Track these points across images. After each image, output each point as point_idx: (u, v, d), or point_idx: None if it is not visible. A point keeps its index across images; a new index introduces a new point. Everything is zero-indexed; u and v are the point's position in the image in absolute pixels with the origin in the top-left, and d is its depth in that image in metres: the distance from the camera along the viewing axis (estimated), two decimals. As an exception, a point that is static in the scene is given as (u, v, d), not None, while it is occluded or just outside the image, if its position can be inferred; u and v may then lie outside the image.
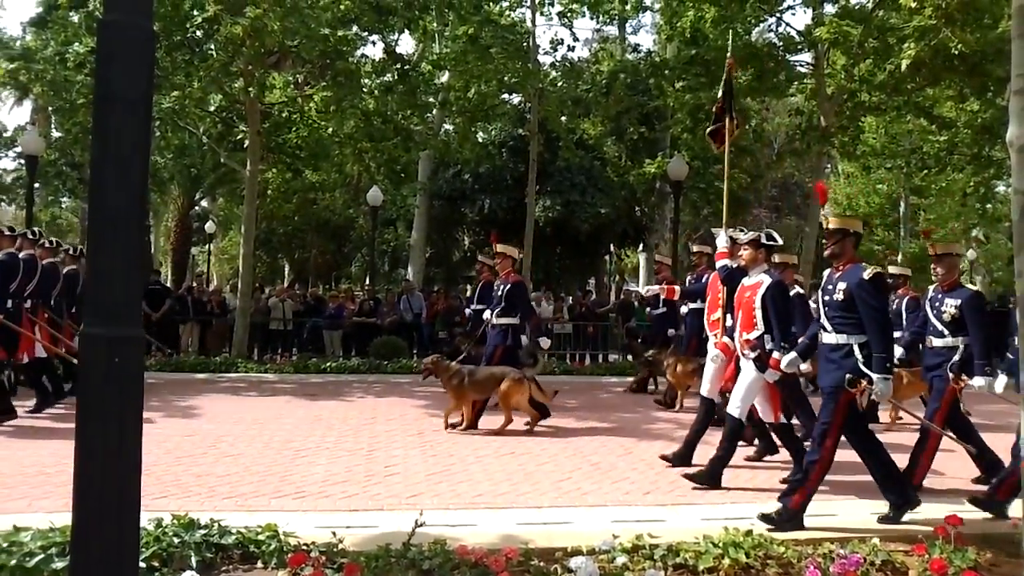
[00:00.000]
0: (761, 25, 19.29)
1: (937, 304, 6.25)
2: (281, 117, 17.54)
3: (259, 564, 4.11)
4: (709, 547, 4.28)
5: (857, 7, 16.91)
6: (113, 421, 2.56)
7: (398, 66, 16.80)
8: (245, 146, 16.68)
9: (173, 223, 28.72)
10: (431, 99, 18.54)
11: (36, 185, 18.69)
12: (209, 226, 30.30)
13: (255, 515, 4.91)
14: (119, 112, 2.61)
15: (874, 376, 4.92)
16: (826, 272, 5.44)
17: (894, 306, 9.00)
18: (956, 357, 6.05)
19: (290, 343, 17.16)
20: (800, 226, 27.67)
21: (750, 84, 17.73)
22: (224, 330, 16.51)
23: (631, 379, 13.03)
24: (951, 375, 6.05)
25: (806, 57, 18.74)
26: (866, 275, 5.05)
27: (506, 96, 20.06)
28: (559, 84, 18.85)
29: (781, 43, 17.93)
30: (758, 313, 6.04)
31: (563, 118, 19.28)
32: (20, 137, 21.05)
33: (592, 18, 19.34)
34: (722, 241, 6.82)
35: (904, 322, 8.78)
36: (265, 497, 5.62)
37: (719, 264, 6.80)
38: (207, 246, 33.28)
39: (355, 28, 16.07)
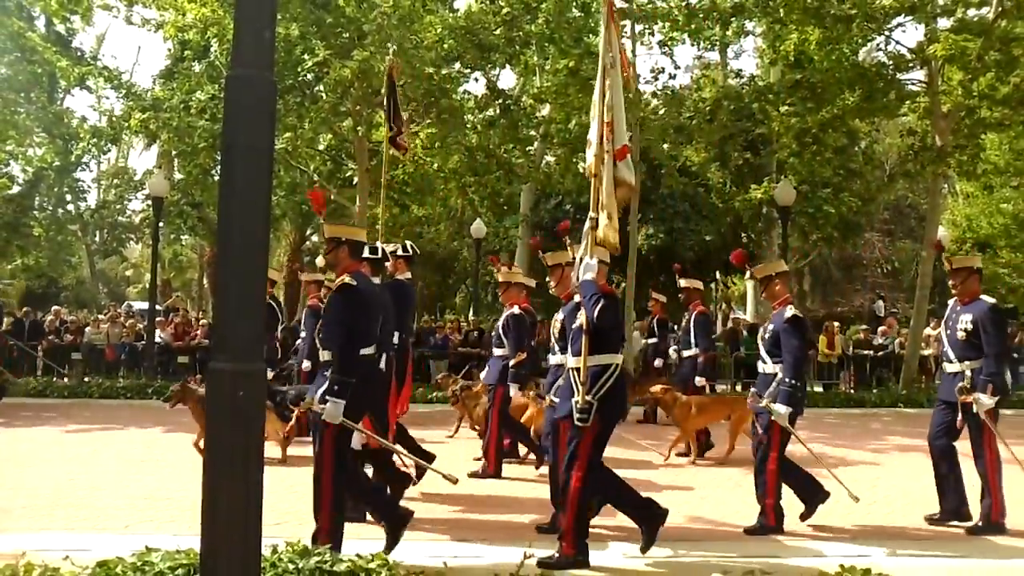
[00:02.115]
0: (869, 44, 18.74)
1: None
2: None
3: (370, 592, 4.20)
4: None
5: (975, 19, 16.23)
6: (239, 452, 2.71)
7: (500, 101, 17.15)
8: (354, 183, 17.28)
9: (285, 257, 29.91)
10: (532, 132, 18.79)
11: (160, 224, 19.82)
12: (319, 261, 31.38)
13: (364, 543, 5.03)
14: (244, 160, 2.80)
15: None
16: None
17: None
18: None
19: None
20: (916, 250, 26.54)
21: (858, 105, 17.23)
22: (334, 360, 17.01)
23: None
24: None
25: (918, 75, 18.10)
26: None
27: (607, 126, 20.10)
28: (661, 112, 18.79)
29: (891, 62, 17.38)
30: None
31: (665, 145, 19.18)
32: (148, 180, 22.45)
33: (693, 45, 19.25)
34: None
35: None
36: (373, 525, 5.75)
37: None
38: (319, 280, 34.44)
39: (458, 65, 16.53)
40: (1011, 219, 28.28)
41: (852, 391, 16.58)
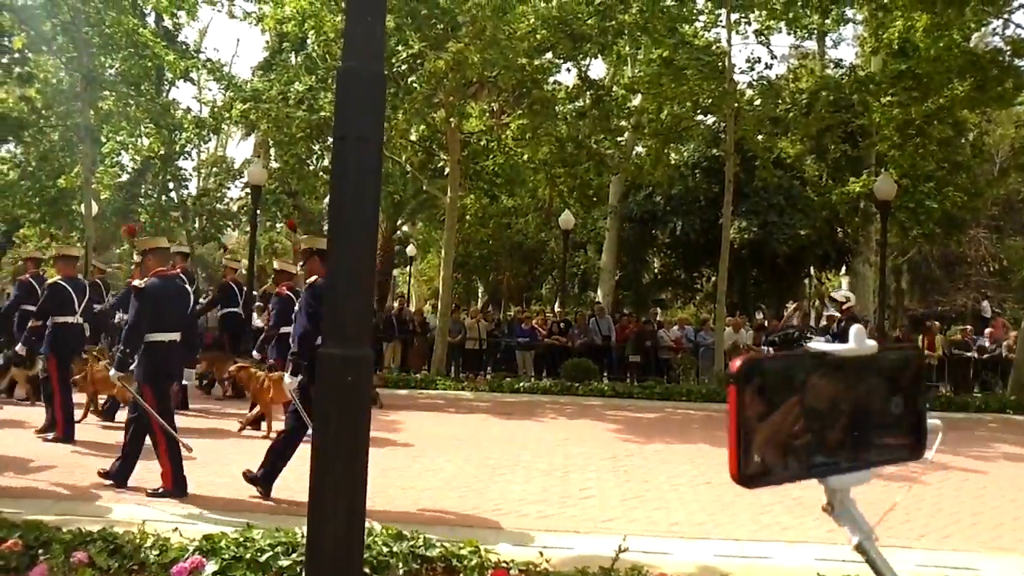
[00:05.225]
0: (983, 29, 17.83)
1: None
2: (479, 145, 18.24)
3: (461, 577, 4.27)
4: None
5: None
6: (345, 434, 2.78)
7: (591, 91, 17.03)
8: (445, 173, 17.46)
9: (378, 247, 30.46)
10: (624, 122, 18.60)
11: (257, 212, 20.38)
12: (410, 249, 31.88)
13: (456, 530, 5.11)
14: (354, 148, 2.86)
15: None
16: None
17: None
18: None
19: (484, 362, 17.68)
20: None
21: (968, 95, 16.43)
22: (424, 348, 17.27)
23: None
24: None
25: (1039, 60, 17.11)
26: None
27: (700, 117, 19.73)
28: (756, 103, 18.36)
29: (1008, 47, 16.48)
30: None
31: (760, 137, 18.75)
32: (246, 169, 23.18)
33: (790, 34, 18.71)
34: None
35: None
36: (464, 513, 5.83)
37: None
38: (408, 268, 34.97)
39: (549, 55, 16.49)
40: None
41: (953, 394, 15.83)
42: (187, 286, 6.63)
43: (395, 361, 17.06)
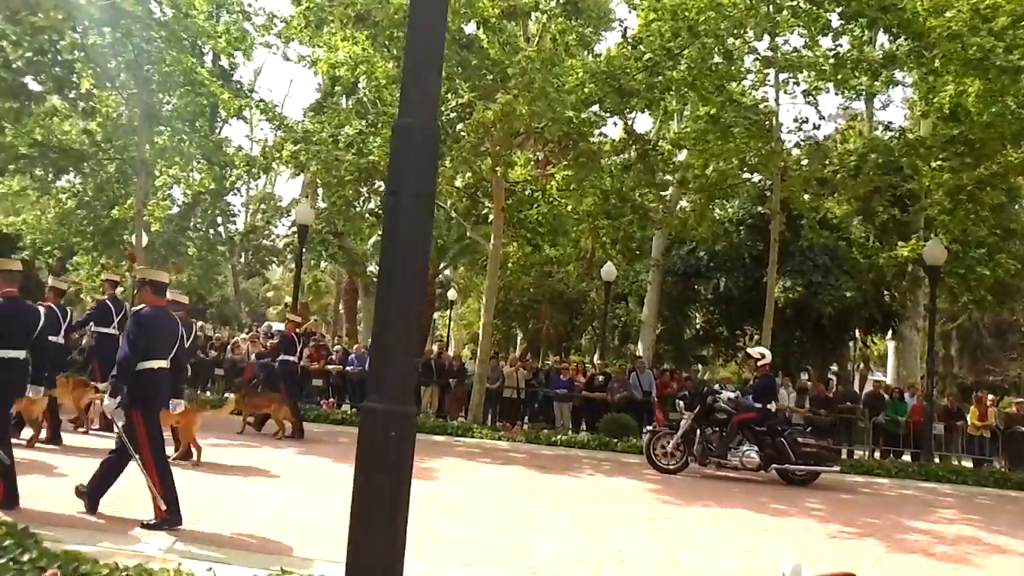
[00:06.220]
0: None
1: None
2: (524, 194, 18.35)
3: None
4: None
5: None
6: (387, 489, 2.75)
7: (637, 145, 17.09)
8: (489, 220, 17.55)
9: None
10: (669, 177, 18.61)
11: (303, 250, 20.66)
12: (451, 293, 32.04)
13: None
14: (407, 204, 2.87)
15: None
16: None
17: None
18: None
19: (522, 411, 17.54)
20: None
21: (1023, 162, 16.17)
22: (462, 394, 17.20)
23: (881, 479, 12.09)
24: None
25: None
26: None
27: (747, 174, 19.67)
28: (803, 163, 18.27)
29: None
30: None
31: (806, 197, 18.62)
32: (294, 208, 23.57)
33: (838, 94, 18.63)
34: None
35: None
36: (499, 569, 5.72)
37: None
38: (448, 311, 35.11)
39: (596, 108, 16.60)
40: None
41: (1008, 470, 15.20)
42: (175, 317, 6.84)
43: (432, 406, 17.01)
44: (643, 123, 36.64)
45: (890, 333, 24.69)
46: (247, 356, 18.28)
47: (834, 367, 26.85)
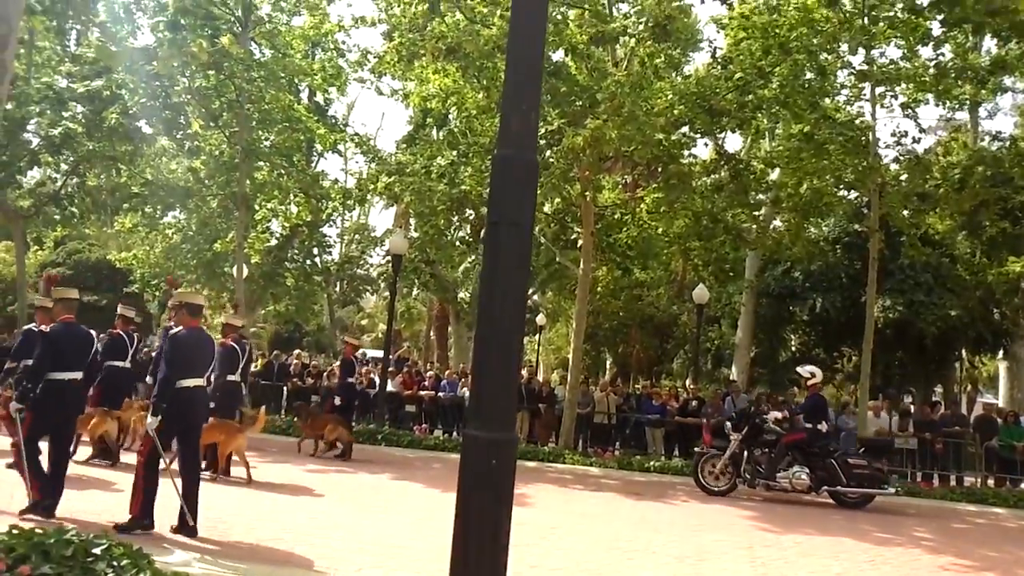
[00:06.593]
0: None
1: None
2: (613, 218, 18.30)
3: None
4: None
5: None
6: (489, 518, 2.78)
7: (728, 165, 16.84)
8: (578, 245, 17.56)
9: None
10: (761, 196, 18.26)
11: (396, 279, 21.10)
12: (540, 318, 32.07)
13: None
14: (507, 233, 2.92)
15: None
16: None
17: None
18: None
19: (613, 437, 17.37)
20: None
21: None
22: (552, 420, 17.14)
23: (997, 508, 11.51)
24: None
25: None
26: None
27: (843, 192, 19.12)
28: (902, 178, 17.66)
29: None
30: None
31: (906, 213, 17.98)
32: (388, 238, 24.12)
33: (938, 105, 17.94)
34: None
35: None
36: None
37: None
38: (537, 336, 35.16)
39: (685, 129, 16.47)
40: None
41: None
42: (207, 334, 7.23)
43: (522, 431, 16.99)
44: (734, 143, 36.11)
45: (1001, 353, 23.51)
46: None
47: (939, 389, 25.66)
